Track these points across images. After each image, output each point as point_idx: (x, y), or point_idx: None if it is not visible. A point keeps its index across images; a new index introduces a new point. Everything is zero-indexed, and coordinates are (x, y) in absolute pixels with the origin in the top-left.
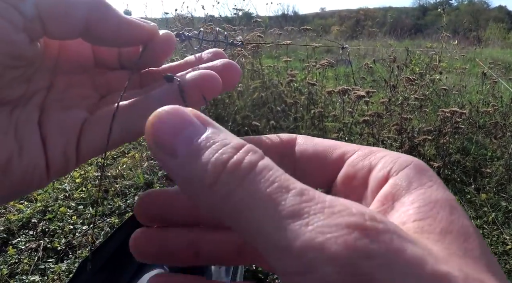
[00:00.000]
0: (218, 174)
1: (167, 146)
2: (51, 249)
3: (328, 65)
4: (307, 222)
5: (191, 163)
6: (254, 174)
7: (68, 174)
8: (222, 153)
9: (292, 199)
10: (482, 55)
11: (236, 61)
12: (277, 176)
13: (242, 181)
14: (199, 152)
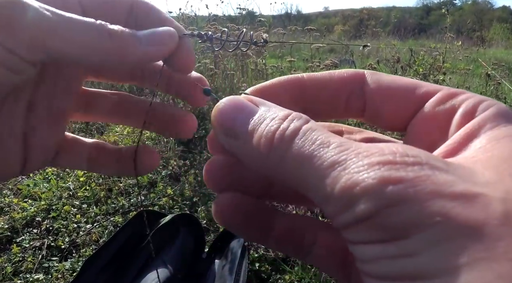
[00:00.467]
0: (270, 143)
1: (229, 131)
2: (55, 247)
3: (332, 66)
4: (344, 167)
5: (249, 140)
6: (299, 137)
7: (72, 173)
8: (271, 125)
9: (332, 151)
10: (486, 56)
11: (240, 61)
12: (319, 135)
13: (290, 144)
14: (254, 129)
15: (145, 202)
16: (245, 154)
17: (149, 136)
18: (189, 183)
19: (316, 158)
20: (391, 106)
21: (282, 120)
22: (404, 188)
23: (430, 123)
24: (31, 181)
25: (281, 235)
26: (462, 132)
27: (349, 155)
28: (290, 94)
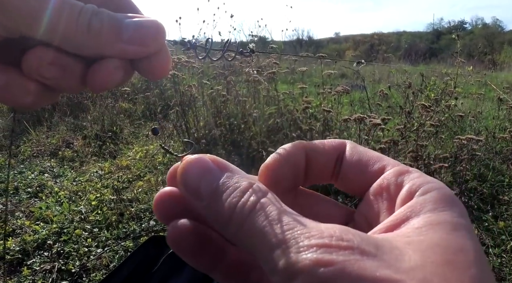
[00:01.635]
0: (230, 214)
1: (194, 192)
2: (66, 271)
3: (343, 92)
4: (287, 245)
5: (213, 205)
6: (255, 212)
7: (84, 196)
8: (233, 197)
9: (279, 230)
10: (498, 79)
11: (252, 87)
12: (272, 211)
13: (247, 218)
14: (217, 196)
15: (157, 227)
16: (207, 215)
17: (161, 161)
18: None
19: (267, 234)
20: (355, 173)
21: (242, 193)
22: (333, 270)
23: (381, 193)
24: (43, 204)
25: (229, 269)
26: (404, 210)
27: (293, 234)
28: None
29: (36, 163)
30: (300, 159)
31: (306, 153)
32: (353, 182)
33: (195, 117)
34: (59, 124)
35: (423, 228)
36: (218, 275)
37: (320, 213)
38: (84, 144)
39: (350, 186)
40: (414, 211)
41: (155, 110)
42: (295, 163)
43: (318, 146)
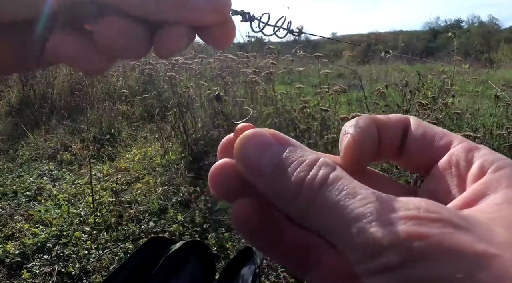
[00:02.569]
0: (298, 190)
1: (254, 168)
2: (66, 273)
3: (340, 91)
4: (370, 220)
5: (275, 181)
6: (326, 186)
7: (83, 199)
8: (300, 171)
9: (358, 203)
10: (495, 77)
11: (249, 88)
12: (345, 185)
13: (318, 192)
14: (281, 170)
15: (156, 229)
16: (269, 191)
17: (160, 163)
18: (200, 210)
19: (343, 208)
20: (420, 148)
21: (310, 167)
22: (428, 244)
23: (449, 170)
24: (42, 207)
25: (288, 249)
26: (479, 186)
27: (375, 207)
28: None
29: (34, 166)
30: (375, 134)
31: (377, 127)
32: (418, 158)
33: (193, 118)
34: (57, 127)
35: (503, 204)
36: (276, 255)
37: (380, 190)
38: (82, 147)
39: (414, 162)
40: (490, 188)
41: (153, 112)
42: (373, 138)
43: (385, 120)
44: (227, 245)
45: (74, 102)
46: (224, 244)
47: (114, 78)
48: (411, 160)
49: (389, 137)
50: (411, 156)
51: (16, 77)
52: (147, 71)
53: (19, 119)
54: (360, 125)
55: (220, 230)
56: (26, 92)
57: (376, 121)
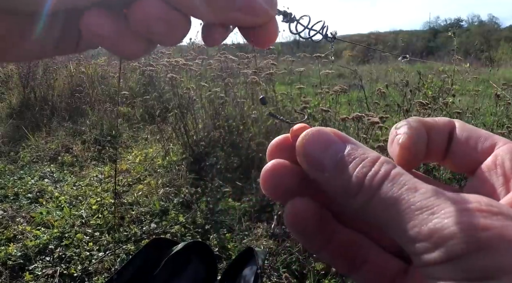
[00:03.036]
0: (360, 185)
1: (316, 164)
2: (68, 275)
3: (341, 91)
4: (432, 211)
5: (337, 177)
6: (388, 181)
7: (85, 201)
8: (363, 166)
9: (420, 196)
10: (495, 76)
11: (250, 88)
12: (407, 180)
13: (380, 187)
14: (343, 166)
15: (157, 230)
16: (331, 187)
17: (161, 164)
18: (201, 211)
19: (404, 201)
20: (465, 152)
21: (372, 163)
22: (492, 235)
23: (494, 170)
24: (44, 209)
25: (338, 249)
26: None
27: (436, 200)
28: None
29: (35, 168)
30: (425, 136)
31: (426, 130)
32: (463, 159)
33: (194, 119)
34: (58, 129)
35: None
36: (325, 255)
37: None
38: (84, 149)
39: (459, 163)
40: None
41: (153, 114)
42: (424, 140)
43: (433, 123)
44: (229, 246)
45: (74, 104)
46: (226, 244)
47: (114, 80)
48: (457, 161)
49: (436, 140)
50: (456, 157)
51: (17, 80)
52: (147, 73)
53: (20, 121)
54: (413, 126)
55: (221, 231)
56: (26, 94)
57: (425, 124)
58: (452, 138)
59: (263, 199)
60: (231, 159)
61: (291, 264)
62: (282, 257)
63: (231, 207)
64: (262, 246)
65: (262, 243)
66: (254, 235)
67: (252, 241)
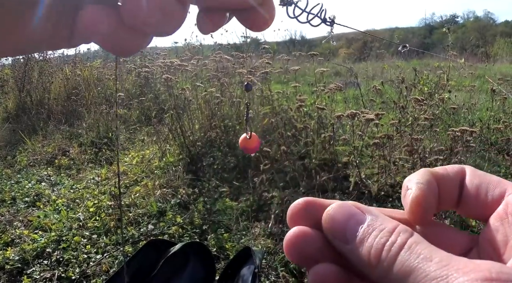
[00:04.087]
0: (379, 255)
1: (340, 236)
2: (66, 278)
3: (336, 89)
4: (447, 281)
5: (359, 248)
6: (405, 250)
7: (82, 204)
8: (381, 237)
9: (435, 266)
10: (491, 71)
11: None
12: (423, 249)
13: (396, 257)
14: (363, 238)
15: (155, 231)
16: (354, 258)
17: (158, 165)
18: (199, 211)
19: (420, 271)
20: (477, 199)
21: (389, 233)
22: None
23: (506, 219)
24: (41, 213)
25: None
26: None
27: (449, 270)
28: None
29: (32, 172)
30: (436, 188)
31: (436, 181)
32: (475, 207)
33: (190, 120)
34: (54, 132)
35: None
36: None
37: (444, 240)
38: (80, 151)
39: (472, 211)
40: None
41: (150, 115)
42: (435, 193)
43: (444, 173)
44: (227, 246)
45: (71, 107)
46: (224, 244)
47: (111, 82)
48: (469, 209)
49: (448, 190)
50: (468, 205)
51: (13, 84)
52: (143, 74)
53: (17, 125)
54: (422, 182)
55: (219, 231)
56: (22, 98)
57: (435, 175)
58: (463, 186)
59: (260, 199)
60: (228, 159)
61: (289, 263)
62: (280, 256)
63: (229, 207)
64: (260, 245)
65: (260, 243)
66: (251, 234)
67: (250, 241)
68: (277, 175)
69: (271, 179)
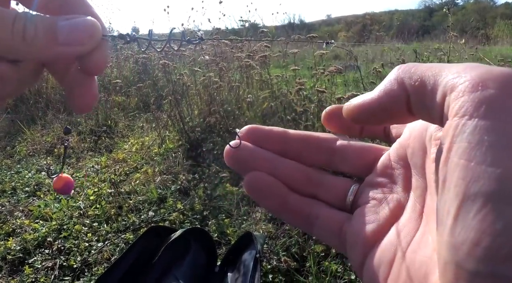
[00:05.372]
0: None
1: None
2: (67, 267)
3: (336, 72)
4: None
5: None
6: None
7: (82, 192)
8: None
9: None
10: (492, 53)
11: (244, 72)
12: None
13: None
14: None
15: (156, 218)
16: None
17: (158, 152)
18: (199, 197)
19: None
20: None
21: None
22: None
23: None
24: (42, 202)
25: (293, 209)
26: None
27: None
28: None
29: (32, 161)
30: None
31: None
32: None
33: (189, 106)
34: (53, 122)
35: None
36: (285, 216)
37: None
38: (79, 140)
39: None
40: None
41: (148, 102)
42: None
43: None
44: (228, 231)
45: None
46: (225, 230)
47: (108, 70)
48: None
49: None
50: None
51: None
52: (141, 61)
53: (15, 115)
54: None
55: (220, 216)
56: None
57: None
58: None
59: None
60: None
61: (291, 247)
62: (281, 240)
63: (229, 192)
64: (261, 230)
65: (261, 227)
66: (252, 219)
67: (251, 226)
68: None
69: None
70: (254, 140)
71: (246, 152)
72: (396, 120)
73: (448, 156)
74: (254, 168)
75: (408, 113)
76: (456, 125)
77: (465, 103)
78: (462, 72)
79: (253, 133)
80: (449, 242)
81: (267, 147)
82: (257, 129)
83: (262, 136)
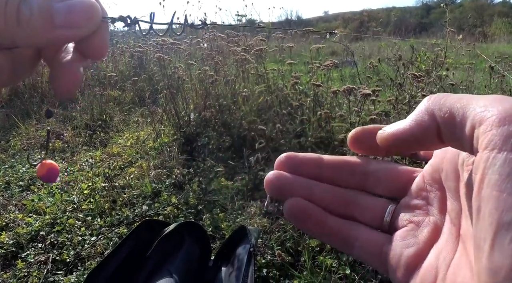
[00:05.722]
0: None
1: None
2: (60, 261)
3: (332, 66)
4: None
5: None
6: None
7: (76, 186)
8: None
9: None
10: (489, 50)
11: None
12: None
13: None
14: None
15: (150, 212)
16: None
17: (153, 146)
18: (194, 191)
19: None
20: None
21: None
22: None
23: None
24: (35, 196)
25: (331, 231)
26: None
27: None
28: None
29: (27, 156)
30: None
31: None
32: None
33: (184, 100)
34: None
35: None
36: (324, 238)
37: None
38: (74, 134)
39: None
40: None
41: (144, 96)
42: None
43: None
44: (222, 226)
45: None
46: (219, 224)
47: (103, 64)
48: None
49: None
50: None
51: None
52: (137, 55)
53: (10, 109)
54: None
55: (214, 211)
56: None
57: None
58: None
59: (255, 178)
60: (223, 138)
61: (286, 242)
62: (276, 235)
63: (224, 187)
64: (256, 224)
65: (256, 222)
66: (247, 213)
67: (246, 220)
68: (272, 154)
69: (267, 157)
70: (290, 167)
71: (283, 180)
72: (427, 148)
73: (481, 187)
74: (291, 194)
75: (439, 141)
76: (486, 158)
77: (494, 137)
78: (489, 106)
79: (290, 161)
80: (488, 267)
81: (303, 173)
82: (293, 157)
83: (298, 162)
